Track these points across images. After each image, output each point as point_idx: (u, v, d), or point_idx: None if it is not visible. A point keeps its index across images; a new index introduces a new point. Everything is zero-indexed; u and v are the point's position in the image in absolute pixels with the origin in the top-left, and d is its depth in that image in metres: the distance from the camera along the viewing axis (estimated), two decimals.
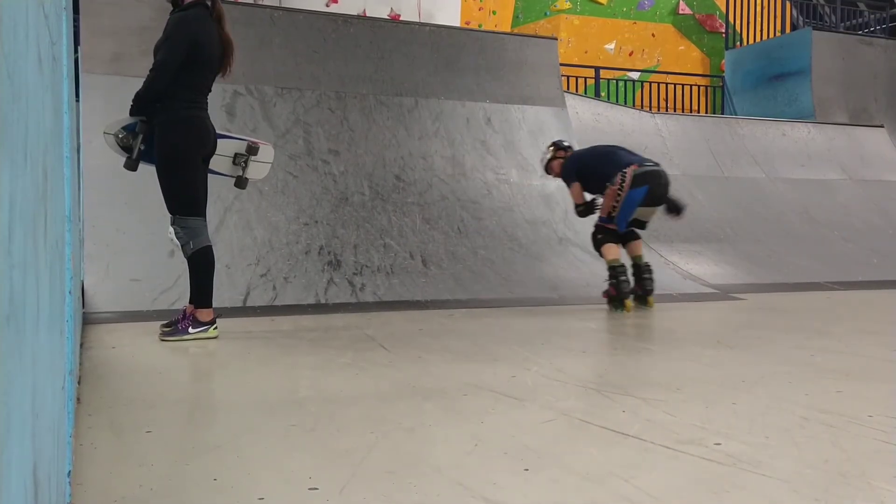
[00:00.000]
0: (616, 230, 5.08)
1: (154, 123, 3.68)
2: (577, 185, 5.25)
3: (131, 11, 5.88)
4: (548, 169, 5.56)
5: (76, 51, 5.55)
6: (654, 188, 4.96)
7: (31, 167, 0.88)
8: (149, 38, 5.90)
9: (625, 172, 4.94)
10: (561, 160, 5.42)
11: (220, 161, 3.93)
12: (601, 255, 5.14)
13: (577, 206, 5.37)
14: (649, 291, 5.13)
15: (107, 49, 5.71)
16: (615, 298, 5.01)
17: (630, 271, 5.10)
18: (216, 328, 3.76)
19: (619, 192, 4.94)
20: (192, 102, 3.71)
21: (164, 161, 3.67)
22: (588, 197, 5.33)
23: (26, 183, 0.83)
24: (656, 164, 5.14)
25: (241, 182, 4.06)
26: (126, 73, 5.70)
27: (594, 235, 5.18)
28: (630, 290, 5.02)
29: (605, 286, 5.13)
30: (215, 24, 3.77)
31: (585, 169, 5.21)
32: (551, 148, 5.55)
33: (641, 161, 5.10)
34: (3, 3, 0.67)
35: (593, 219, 5.31)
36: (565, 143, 5.60)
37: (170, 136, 3.65)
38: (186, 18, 3.68)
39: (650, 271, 5.16)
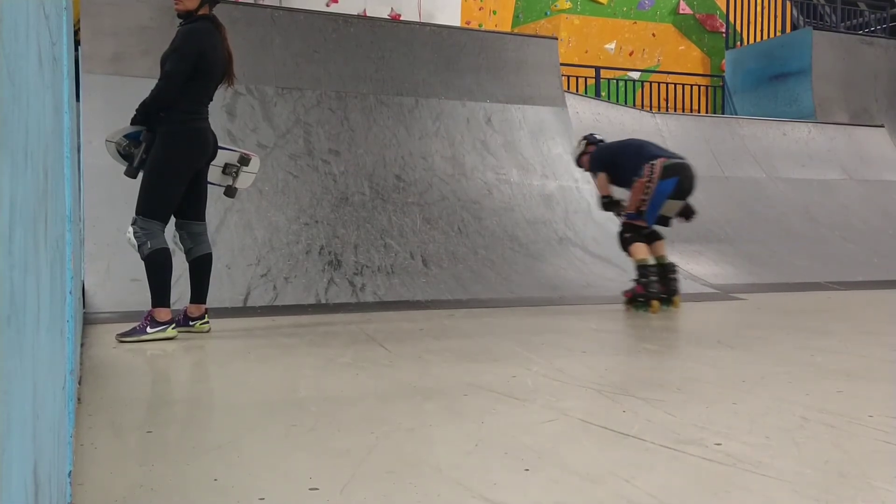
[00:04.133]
0: (643, 227, 5.05)
1: (156, 132, 3.71)
2: (602, 176, 5.20)
3: (131, 12, 5.88)
4: (579, 163, 5.55)
5: (76, 51, 5.55)
6: (682, 180, 4.93)
7: (32, 167, 0.88)
8: (149, 39, 5.92)
9: (653, 164, 4.91)
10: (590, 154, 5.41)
11: (209, 171, 3.97)
12: (629, 254, 5.09)
13: (601, 197, 5.31)
14: (674, 291, 5.08)
15: (107, 49, 5.71)
16: (641, 297, 4.96)
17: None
18: (174, 328, 3.75)
19: (648, 184, 4.90)
20: (195, 113, 3.75)
21: (156, 167, 3.70)
22: (615, 192, 5.28)
23: (27, 183, 0.83)
24: (683, 158, 5.16)
25: (230, 191, 4.11)
26: (126, 74, 5.71)
27: (621, 234, 5.14)
28: (658, 291, 4.95)
29: (630, 285, 5.12)
30: (220, 37, 3.83)
31: (613, 161, 5.18)
32: (583, 142, 5.49)
33: (670, 155, 5.11)
34: (3, 3, 0.67)
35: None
36: (597, 137, 5.52)
37: (170, 147, 3.69)
38: (195, 30, 3.73)
39: (675, 271, 5.12)
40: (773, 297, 6.00)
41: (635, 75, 11.97)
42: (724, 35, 12.42)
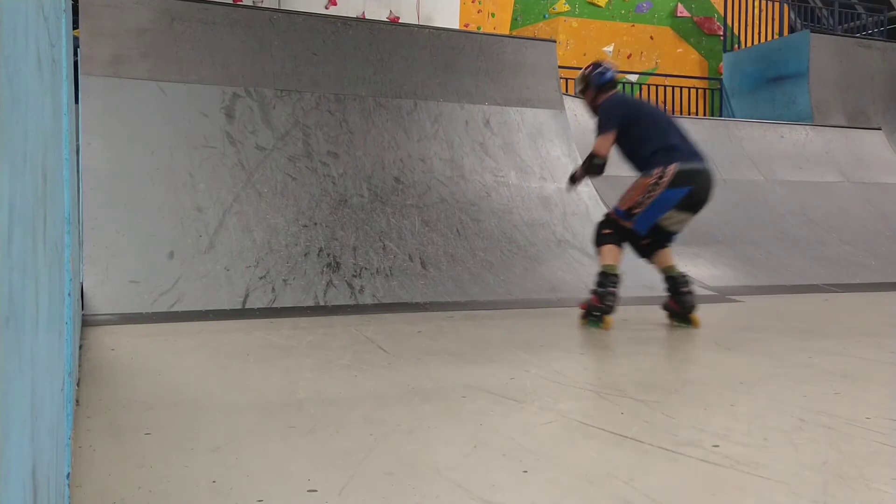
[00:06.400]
0: (631, 230, 4.20)
1: None
2: (612, 136, 4.21)
3: (131, 14, 5.89)
4: (585, 94, 4.49)
5: (75, 53, 5.55)
6: (695, 191, 4.09)
7: (31, 169, 0.89)
8: (148, 41, 5.92)
9: (666, 169, 4.03)
10: (605, 96, 4.37)
11: None
12: (598, 253, 4.28)
13: (597, 156, 4.23)
14: (690, 308, 4.23)
15: (106, 51, 5.72)
16: (596, 310, 4.18)
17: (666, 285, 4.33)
18: None
19: (654, 187, 4.05)
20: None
21: None
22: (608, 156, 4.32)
23: (25, 185, 0.83)
24: (702, 160, 4.19)
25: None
26: (125, 76, 5.71)
27: (600, 228, 4.28)
28: (613, 307, 4.18)
29: (587, 296, 4.34)
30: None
31: (628, 127, 4.23)
32: (595, 74, 4.42)
33: (689, 156, 4.15)
34: (3, 5, 0.67)
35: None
36: (609, 75, 4.43)
37: None
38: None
39: (688, 283, 4.21)
40: (771, 299, 6.00)
41: (633, 78, 11.99)
42: (721, 38, 12.44)
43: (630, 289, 5.87)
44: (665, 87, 11.69)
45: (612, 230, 4.24)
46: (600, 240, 4.28)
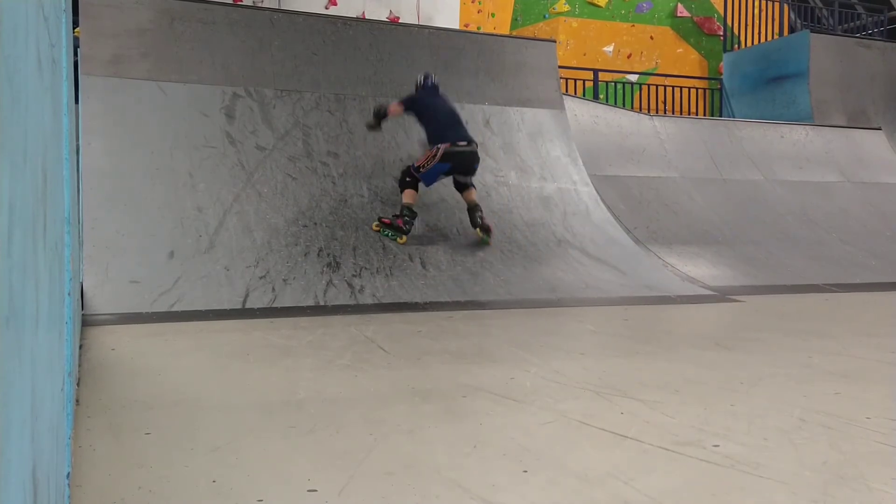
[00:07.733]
0: (419, 180, 5.99)
1: None
2: (400, 108, 6.07)
3: (131, 14, 5.89)
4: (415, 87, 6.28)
5: (76, 53, 5.55)
6: (455, 165, 5.94)
7: (31, 169, 0.89)
8: (148, 41, 5.93)
9: (440, 147, 5.88)
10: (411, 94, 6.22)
11: None
12: (401, 193, 5.96)
13: (384, 109, 6.09)
14: (483, 227, 6.02)
15: (106, 51, 5.72)
16: (395, 228, 5.81)
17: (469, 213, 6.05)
18: None
19: (431, 159, 5.92)
20: None
21: None
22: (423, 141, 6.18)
23: (25, 185, 0.83)
24: (468, 143, 5.98)
25: None
26: (125, 76, 5.71)
27: (403, 176, 5.98)
28: (409, 230, 5.84)
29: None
30: None
31: (422, 114, 6.11)
32: (420, 78, 6.29)
33: (459, 138, 5.96)
34: (3, 5, 0.67)
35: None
36: (427, 81, 6.27)
37: None
38: None
39: (481, 210, 6.04)
40: (771, 299, 6.00)
41: (633, 78, 11.99)
42: (721, 38, 12.45)
43: (630, 289, 5.88)
44: (665, 87, 11.69)
45: (411, 179, 5.96)
46: (403, 185, 5.97)
